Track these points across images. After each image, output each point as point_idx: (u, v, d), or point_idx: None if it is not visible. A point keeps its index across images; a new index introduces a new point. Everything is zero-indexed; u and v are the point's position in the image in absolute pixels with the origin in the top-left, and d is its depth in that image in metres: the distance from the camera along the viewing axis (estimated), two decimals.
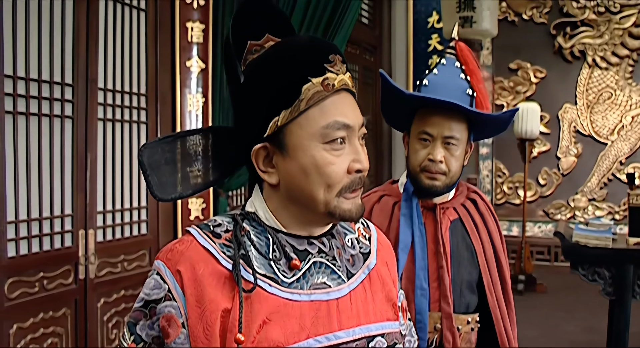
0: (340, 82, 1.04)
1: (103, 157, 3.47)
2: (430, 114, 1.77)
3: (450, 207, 1.88)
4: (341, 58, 1.06)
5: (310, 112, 1.03)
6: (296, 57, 1.04)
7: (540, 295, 6.43)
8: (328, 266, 1.09)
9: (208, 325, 0.98)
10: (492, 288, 1.85)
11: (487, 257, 1.87)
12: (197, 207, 4.07)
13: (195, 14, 4.01)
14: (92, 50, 3.37)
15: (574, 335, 5.11)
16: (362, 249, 1.18)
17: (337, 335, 1.04)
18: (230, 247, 1.04)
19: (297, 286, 1.04)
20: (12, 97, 2.90)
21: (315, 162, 1.02)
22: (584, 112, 7.74)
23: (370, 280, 1.15)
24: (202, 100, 4.08)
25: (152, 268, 1.05)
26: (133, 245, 3.72)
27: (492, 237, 1.91)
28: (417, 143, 1.79)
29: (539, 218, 7.87)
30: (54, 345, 3.14)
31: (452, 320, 1.76)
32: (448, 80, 1.79)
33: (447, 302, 1.77)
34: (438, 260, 1.80)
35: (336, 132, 1.02)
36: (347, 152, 1.04)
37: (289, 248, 1.07)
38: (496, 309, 1.84)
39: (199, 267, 1.00)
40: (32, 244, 3.04)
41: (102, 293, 3.45)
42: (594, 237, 3.62)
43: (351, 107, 1.06)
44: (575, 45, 7.70)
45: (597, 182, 7.70)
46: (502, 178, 8.03)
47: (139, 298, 1.03)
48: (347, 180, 1.03)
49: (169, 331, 0.99)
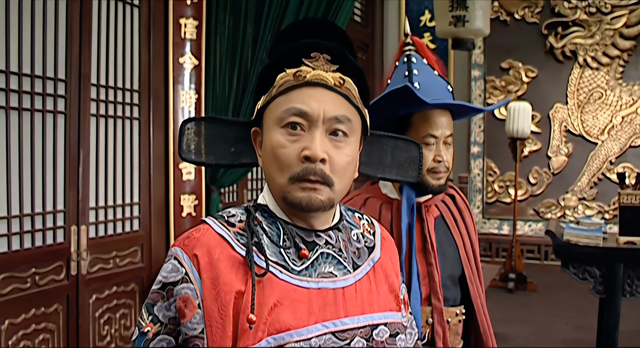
0: (314, 75, 1.09)
1: (96, 153, 3.47)
2: (432, 116, 1.78)
3: (433, 205, 1.91)
4: (329, 58, 1.11)
5: (279, 98, 1.09)
6: (281, 50, 1.13)
7: (530, 294, 6.45)
8: (335, 257, 1.14)
9: (223, 306, 1.03)
10: (472, 279, 1.91)
11: (467, 250, 1.93)
12: (190, 203, 4.07)
13: (189, 10, 4.00)
14: (85, 46, 3.36)
15: (564, 334, 5.14)
16: (367, 243, 1.23)
17: (343, 322, 1.09)
18: (243, 235, 1.10)
19: (305, 274, 1.10)
20: (5, 92, 2.89)
21: (272, 144, 1.09)
22: (574, 111, 7.77)
23: (374, 272, 1.20)
24: (195, 96, 4.08)
25: (168, 255, 1.10)
26: (125, 241, 3.71)
27: (469, 230, 1.97)
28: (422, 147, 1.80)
29: (530, 217, 7.90)
30: (46, 341, 3.14)
31: (442, 315, 1.80)
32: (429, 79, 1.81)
33: (438, 297, 1.80)
34: (427, 258, 1.83)
35: (291, 117, 1.07)
36: (303, 139, 1.07)
37: (299, 239, 1.12)
38: (477, 298, 1.90)
39: (215, 252, 1.06)
40: (24, 240, 3.03)
41: (94, 289, 3.44)
42: (585, 236, 3.63)
43: (319, 99, 1.08)
44: (567, 45, 7.73)
45: (587, 182, 7.73)
46: (493, 177, 8.06)
47: (157, 281, 1.08)
48: (298, 168, 1.06)
49: (185, 311, 1.03)
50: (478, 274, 1.95)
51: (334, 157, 1.07)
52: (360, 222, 1.27)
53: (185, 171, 4.05)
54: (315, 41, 1.12)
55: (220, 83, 4.30)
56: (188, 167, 4.05)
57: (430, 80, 1.81)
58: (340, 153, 1.08)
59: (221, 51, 4.29)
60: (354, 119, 1.11)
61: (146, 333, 1.05)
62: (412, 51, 1.88)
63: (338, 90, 1.10)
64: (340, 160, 1.08)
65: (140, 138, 3.83)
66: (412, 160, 1.32)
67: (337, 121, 1.08)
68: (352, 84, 1.12)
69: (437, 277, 1.81)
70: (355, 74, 1.14)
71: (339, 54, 1.12)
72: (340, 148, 1.09)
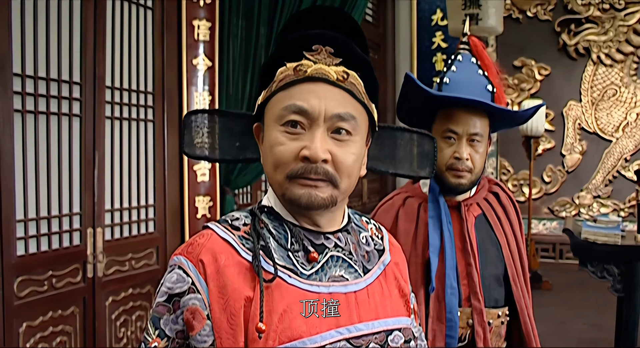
0: (315, 70, 1.02)
1: (111, 155, 3.47)
2: (455, 112, 1.77)
3: (474, 203, 1.88)
4: (332, 51, 1.04)
5: (279, 94, 1.04)
6: (281, 43, 1.08)
7: (545, 293, 6.42)
8: (345, 260, 1.09)
9: (232, 315, 0.98)
10: (517, 280, 1.86)
11: (511, 249, 1.89)
12: (204, 205, 4.07)
13: (202, 12, 4.00)
14: (99, 48, 3.36)
15: (581, 333, 5.10)
16: (376, 246, 1.19)
17: (358, 327, 1.05)
18: (249, 239, 1.04)
19: (315, 278, 1.05)
20: (21, 96, 2.90)
21: (271, 142, 1.03)
22: (588, 109, 7.73)
23: (385, 275, 1.16)
24: (208, 98, 4.08)
25: (169, 265, 1.05)
26: (141, 243, 3.71)
27: (514, 228, 1.93)
28: (441, 141, 1.79)
29: (544, 216, 7.86)
30: (63, 343, 3.14)
31: (483, 315, 1.76)
32: (467, 77, 1.79)
33: (478, 298, 1.77)
34: (466, 258, 1.80)
35: (290, 115, 1.01)
36: (303, 138, 1.02)
37: (307, 241, 1.07)
38: (520, 299, 1.85)
39: (221, 258, 1.01)
40: (41, 243, 3.04)
41: (110, 291, 3.45)
42: (603, 234, 3.61)
43: (320, 95, 1.02)
44: (580, 43, 7.69)
45: (602, 179, 7.69)
46: (507, 175, 8.03)
47: (161, 292, 1.02)
48: (295, 166, 1.01)
49: (193, 324, 0.98)
50: (523, 274, 1.91)
51: (338, 156, 1.02)
52: (368, 226, 1.22)
53: (200, 173, 4.05)
54: (317, 32, 1.05)
55: (234, 84, 4.30)
56: (202, 169, 4.05)
57: (468, 78, 1.80)
58: (345, 151, 1.03)
59: (234, 52, 4.29)
60: (358, 115, 1.05)
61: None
62: (463, 50, 1.87)
63: (341, 85, 1.03)
64: (345, 159, 1.03)
65: (154, 140, 3.84)
66: (426, 155, 1.25)
67: (340, 119, 1.02)
68: (357, 78, 1.06)
69: (477, 277, 1.78)
70: (361, 67, 1.07)
71: (342, 46, 1.05)
72: (344, 146, 1.03)
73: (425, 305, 1.78)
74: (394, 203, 1.92)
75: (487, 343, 1.76)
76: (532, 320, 1.88)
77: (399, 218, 1.89)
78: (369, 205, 6.95)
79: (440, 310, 1.76)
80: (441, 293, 1.76)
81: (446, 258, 1.77)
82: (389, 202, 1.93)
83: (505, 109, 1.81)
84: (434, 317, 1.76)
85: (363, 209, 6.73)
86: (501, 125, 1.91)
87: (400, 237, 1.82)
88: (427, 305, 1.78)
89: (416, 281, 1.78)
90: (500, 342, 1.86)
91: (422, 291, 1.79)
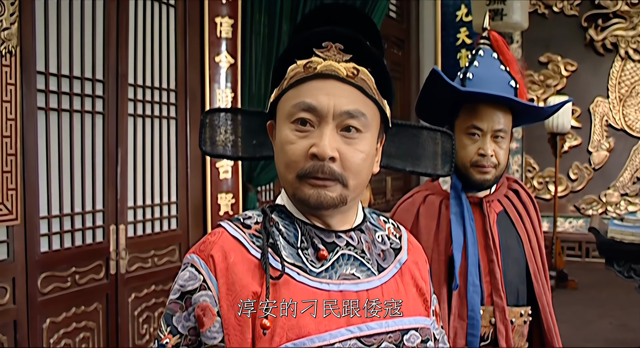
0: (324, 67, 1.02)
1: (133, 153, 3.49)
2: (479, 107, 1.75)
3: (495, 200, 1.86)
4: (342, 47, 1.04)
5: (290, 92, 1.04)
6: (293, 41, 1.08)
7: (571, 292, 6.34)
8: (357, 259, 1.09)
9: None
10: (538, 277, 1.85)
11: (532, 246, 1.87)
12: (227, 202, 4.08)
13: (224, 9, 4.00)
14: (122, 46, 3.38)
15: (607, 333, 5.03)
16: (392, 245, 1.18)
17: (370, 326, 1.04)
18: (259, 237, 1.05)
19: (325, 276, 1.04)
20: (44, 93, 2.92)
21: (281, 140, 1.04)
22: (616, 105, 7.61)
23: (402, 274, 1.14)
24: (231, 95, 4.08)
25: (183, 263, 1.06)
26: (163, 240, 3.73)
27: (534, 225, 1.91)
28: (465, 138, 1.77)
29: (570, 214, 7.76)
30: (86, 339, 3.17)
31: (505, 313, 1.75)
32: (490, 72, 1.77)
33: (500, 295, 1.75)
34: (488, 254, 1.78)
35: (300, 113, 1.02)
36: (312, 135, 1.02)
37: (317, 239, 1.07)
38: (542, 296, 1.84)
39: (230, 255, 1.02)
40: (65, 239, 3.06)
41: (132, 288, 3.47)
42: (630, 233, 3.55)
43: (329, 92, 1.01)
44: (607, 38, 7.56)
45: (629, 177, 7.57)
46: (532, 173, 7.94)
47: (174, 290, 1.04)
48: (305, 164, 1.01)
49: (204, 320, 0.99)
50: (544, 271, 1.90)
51: (346, 154, 1.01)
52: (385, 225, 1.21)
53: (222, 170, 4.05)
54: (327, 29, 1.05)
55: (256, 81, 4.30)
56: (225, 166, 4.06)
57: (491, 74, 1.78)
58: (353, 149, 1.02)
59: (257, 49, 4.28)
60: (369, 112, 1.04)
61: (165, 345, 1.02)
62: (484, 45, 1.85)
63: (351, 81, 1.03)
64: (354, 157, 1.02)
65: (177, 137, 3.85)
66: (445, 153, 1.23)
67: (350, 116, 1.02)
68: (368, 74, 1.05)
69: (499, 274, 1.76)
70: (372, 63, 1.06)
71: (352, 42, 1.04)
72: (354, 144, 1.02)
73: (448, 303, 1.77)
74: (414, 201, 1.90)
75: (510, 341, 1.74)
76: (553, 319, 1.86)
77: (420, 216, 1.87)
78: (392, 203, 6.91)
79: (461, 307, 1.75)
80: (463, 290, 1.75)
81: (469, 255, 1.75)
82: (409, 200, 1.92)
83: (532, 105, 1.80)
84: (455, 314, 1.75)
85: (387, 206, 6.71)
86: (523, 121, 1.90)
87: (422, 235, 1.82)
88: (450, 303, 1.76)
89: (439, 278, 1.77)
90: (523, 342, 1.84)
91: (444, 288, 1.78)
